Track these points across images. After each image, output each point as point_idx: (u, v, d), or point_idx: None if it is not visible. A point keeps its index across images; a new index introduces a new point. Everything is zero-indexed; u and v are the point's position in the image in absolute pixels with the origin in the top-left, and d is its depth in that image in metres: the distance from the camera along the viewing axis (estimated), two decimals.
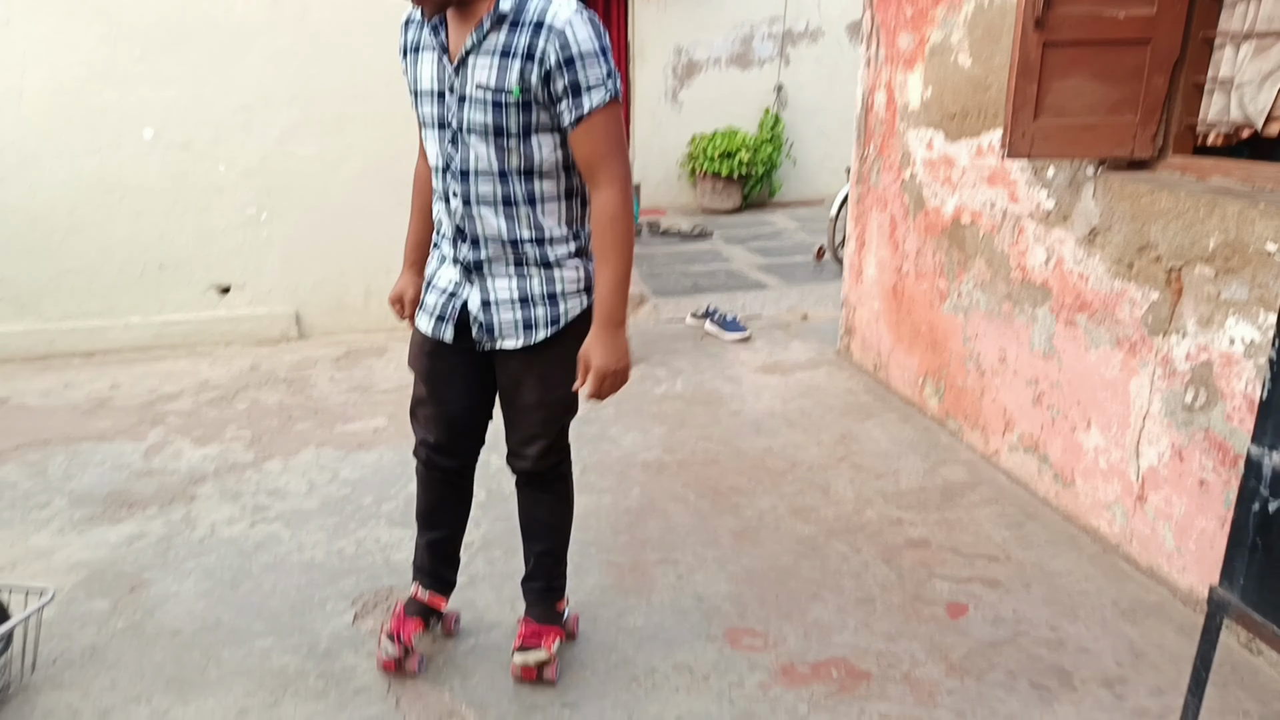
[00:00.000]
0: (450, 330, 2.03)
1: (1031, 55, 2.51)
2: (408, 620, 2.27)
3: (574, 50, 1.74)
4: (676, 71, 8.50)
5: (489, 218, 1.92)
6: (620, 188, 1.85)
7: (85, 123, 4.38)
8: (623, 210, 1.85)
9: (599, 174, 1.85)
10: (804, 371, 4.43)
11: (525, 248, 1.94)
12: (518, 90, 1.78)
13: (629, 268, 1.88)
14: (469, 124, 1.84)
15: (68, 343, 4.57)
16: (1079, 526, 2.95)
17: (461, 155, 1.88)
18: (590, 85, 1.77)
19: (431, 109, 1.90)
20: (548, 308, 1.98)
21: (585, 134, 1.81)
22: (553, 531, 2.25)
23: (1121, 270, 2.68)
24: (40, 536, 2.88)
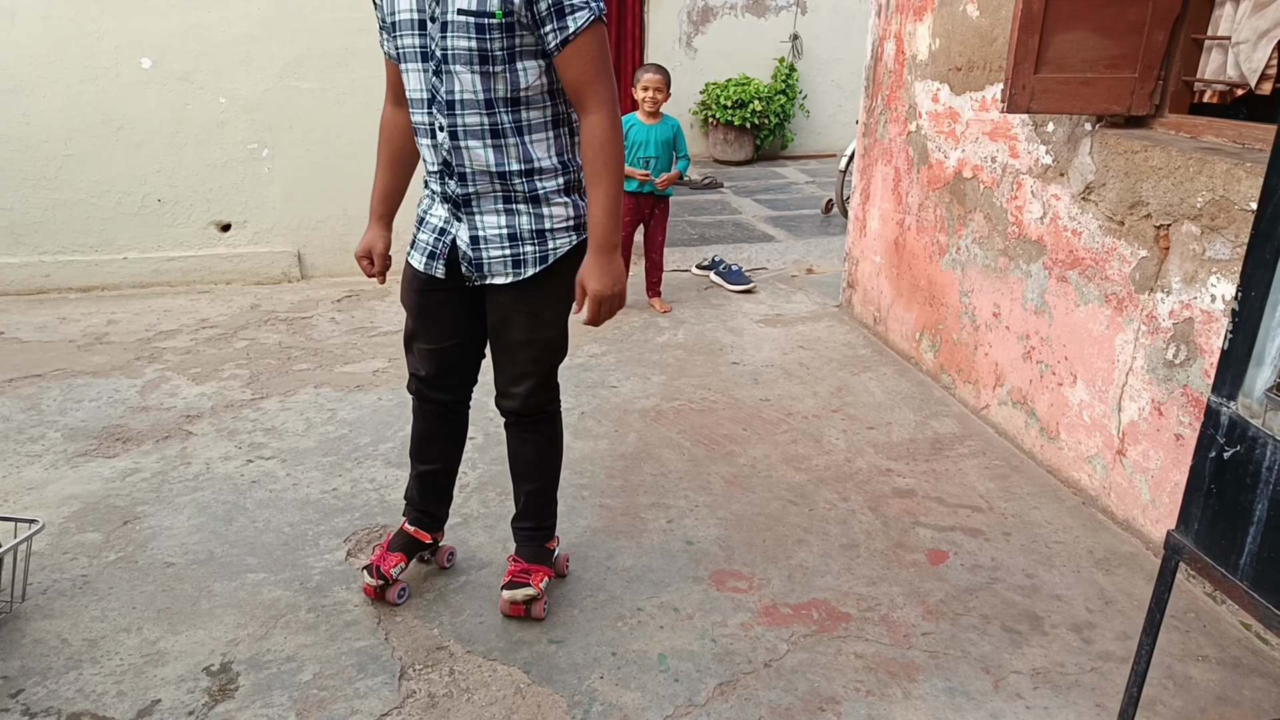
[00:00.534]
0: (441, 267, 2.04)
1: (1035, 6, 2.47)
2: (390, 554, 2.31)
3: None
4: (691, 16, 8.35)
5: (476, 150, 1.89)
6: (608, 111, 1.83)
7: (81, 49, 4.33)
8: (612, 134, 1.84)
9: (587, 98, 1.84)
10: (805, 324, 4.44)
11: (514, 180, 1.93)
12: (500, 12, 1.76)
13: (620, 191, 1.88)
14: (453, 52, 1.81)
15: (64, 276, 4.59)
16: (1061, 479, 2.99)
17: (447, 86, 1.85)
18: (574, 6, 1.75)
19: (412, 40, 1.87)
20: (536, 245, 1.98)
21: (571, 57, 1.80)
22: (541, 471, 2.28)
23: (1113, 227, 2.68)
24: (33, 470, 2.92)
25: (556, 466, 2.32)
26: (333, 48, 4.59)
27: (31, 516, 2.28)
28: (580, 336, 4.14)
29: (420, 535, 2.36)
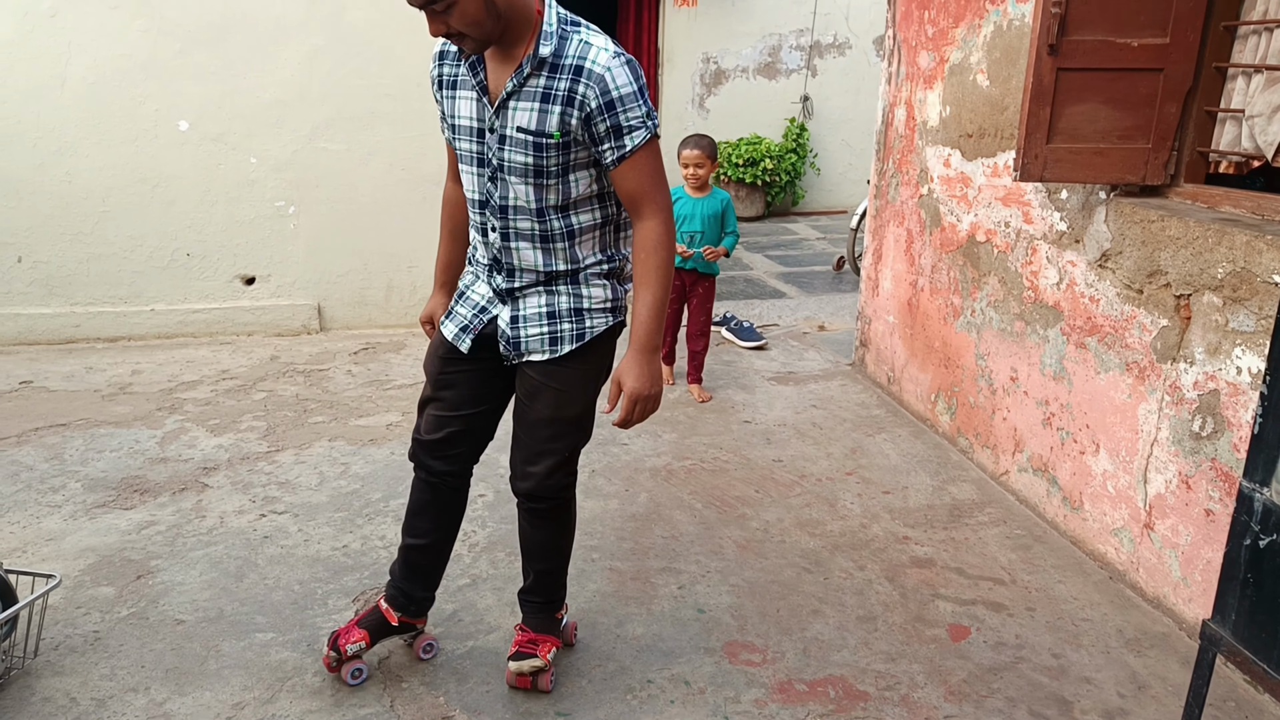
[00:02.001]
0: (468, 342, 2.08)
1: (1045, 80, 2.50)
2: (355, 629, 2.22)
3: (614, 94, 1.79)
4: (704, 79, 8.52)
5: (526, 251, 1.97)
6: (663, 218, 1.89)
7: (124, 112, 4.49)
8: (665, 239, 1.90)
9: (643, 206, 1.90)
10: (817, 382, 4.43)
11: (559, 275, 2.00)
12: (558, 134, 1.83)
13: (667, 294, 1.93)
14: (509, 164, 1.89)
15: (94, 327, 4.68)
16: (1086, 551, 2.93)
17: (500, 192, 1.93)
18: (631, 126, 1.82)
19: (470, 145, 1.94)
20: (574, 322, 2.01)
21: (628, 171, 1.86)
22: (553, 553, 2.25)
23: (1132, 295, 2.67)
24: (52, 520, 2.95)
25: (569, 547, 2.29)
26: (360, 111, 4.72)
27: (49, 571, 2.29)
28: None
29: (389, 616, 2.24)
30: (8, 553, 2.71)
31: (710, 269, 4.18)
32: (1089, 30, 2.47)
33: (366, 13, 4.59)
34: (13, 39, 4.29)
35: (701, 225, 4.08)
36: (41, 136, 4.42)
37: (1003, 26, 3.23)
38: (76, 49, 4.37)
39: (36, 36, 4.31)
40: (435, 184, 4.94)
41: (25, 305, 4.59)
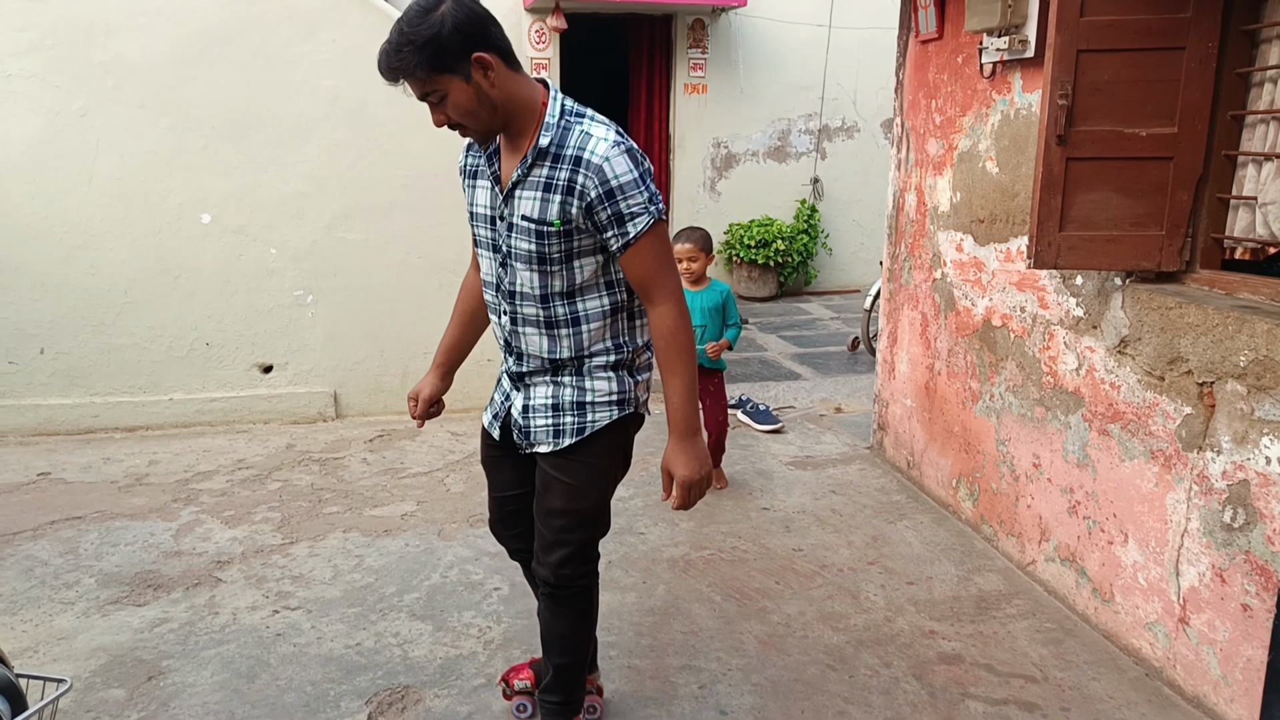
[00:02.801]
0: (498, 429, 2.17)
1: (1055, 169, 2.53)
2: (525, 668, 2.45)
3: (613, 183, 1.82)
4: (715, 163, 8.69)
5: (532, 337, 2.01)
6: (674, 301, 1.90)
7: (148, 207, 4.60)
8: (681, 323, 1.91)
9: (653, 292, 1.91)
10: (836, 467, 4.38)
11: (564, 364, 2.02)
12: (558, 223, 1.87)
13: (694, 376, 1.94)
14: (515, 250, 1.95)
15: (112, 416, 4.70)
16: (1120, 646, 2.84)
17: (510, 278, 1.99)
18: (634, 213, 1.84)
19: (485, 232, 2.02)
20: (575, 416, 2.03)
21: (634, 257, 1.88)
22: (573, 646, 2.22)
23: (1153, 382, 2.65)
24: (65, 618, 2.92)
25: (588, 640, 2.27)
26: (379, 201, 4.82)
27: (60, 675, 2.24)
28: None
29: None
30: (20, 653, 2.67)
31: (717, 365, 4.04)
32: (1097, 121, 2.51)
33: (386, 108, 4.72)
34: (43, 137, 4.43)
35: (702, 319, 3.90)
36: (68, 231, 4.53)
37: (1010, 115, 3.29)
38: (104, 146, 4.51)
39: (66, 135, 4.45)
40: (451, 271, 5.03)
41: (46, 396, 4.63)
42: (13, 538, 3.46)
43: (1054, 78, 2.48)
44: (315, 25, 4.64)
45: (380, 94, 4.76)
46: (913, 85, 4.05)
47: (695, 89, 8.49)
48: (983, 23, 3.17)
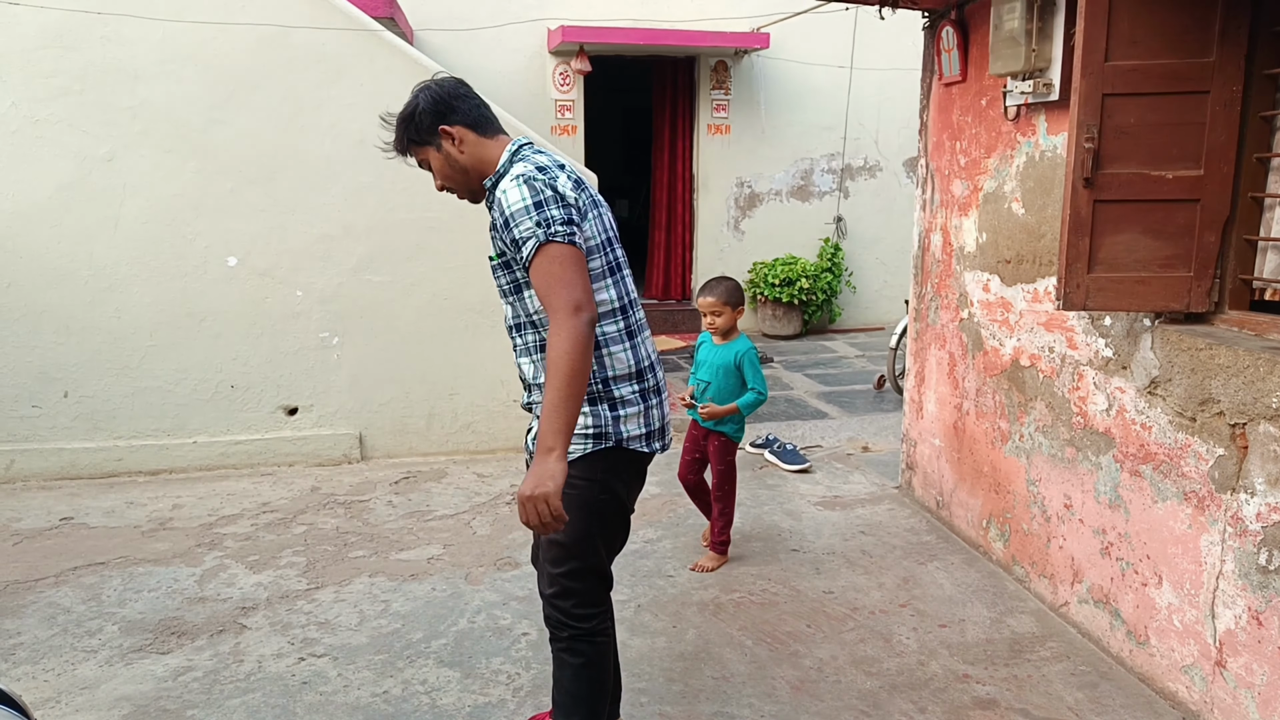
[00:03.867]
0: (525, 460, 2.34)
1: (1083, 211, 2.53)
2: None
3: (509, 212, 1.98)
4: (739, 202, 8.74)
5: (523, 364, 2.21)
6: (561, 319, 1.87)
7: (174, 250, 4.66)
8: (559, 340, 1.85)
9: (547, 307, 1.93)
10: (864, 507, 4.34)
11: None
12: (496, 255, 2.11)
13: (568, 394, 1.84)
14: (496, 287, 2.21)
15: (136, 460, 4.73)
16: (1156, 689, 2.78)
17: (505, 311, 2.23)
18: (524, 237, 1.96)
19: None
20: None
21: (532, 277, 1.98)
22: (568, 706, 2.18)
23: (1184, 423, 2.61)
24: (87, 667, 2.90)
25: (576, 705, 2.17)
26: (405, 245, 4.87)
27: None
28: (635, 520, 4.09)
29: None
30: (41, 703, 2.66)
31: (720, 427, 3.63)
32: (1123, 164, 2.51)
33: None
34: (71, 182, 4.51)
35: (709, 375, 3.62)
36: (93, 275, 4.59)
37: (1035, 157, 3.30)
38: (131, 190, 4.58)
39: (93, 179, 4.53)
40: (477, 312, 5.08)
41: (69, 440, 4.67)
42: (35, 584, 3.46)
43: (1080, 121, 2.49)
44: (342, 70, 4.73)
45: None
46: (937, 127, 4.07)
47: (718, 129, 8.57)
48: (1007, 66, 3.19)
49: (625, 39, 7.77)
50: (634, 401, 2.12)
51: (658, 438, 2.19)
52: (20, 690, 2.66)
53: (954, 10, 3.77)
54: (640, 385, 2.14)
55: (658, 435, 2.19)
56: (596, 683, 2.18)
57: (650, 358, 2.21)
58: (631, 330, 2.16)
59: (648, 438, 2.16)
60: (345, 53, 4.73)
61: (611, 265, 2.13)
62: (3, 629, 3.13)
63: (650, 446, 2.18)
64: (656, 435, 2.19)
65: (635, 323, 2.18)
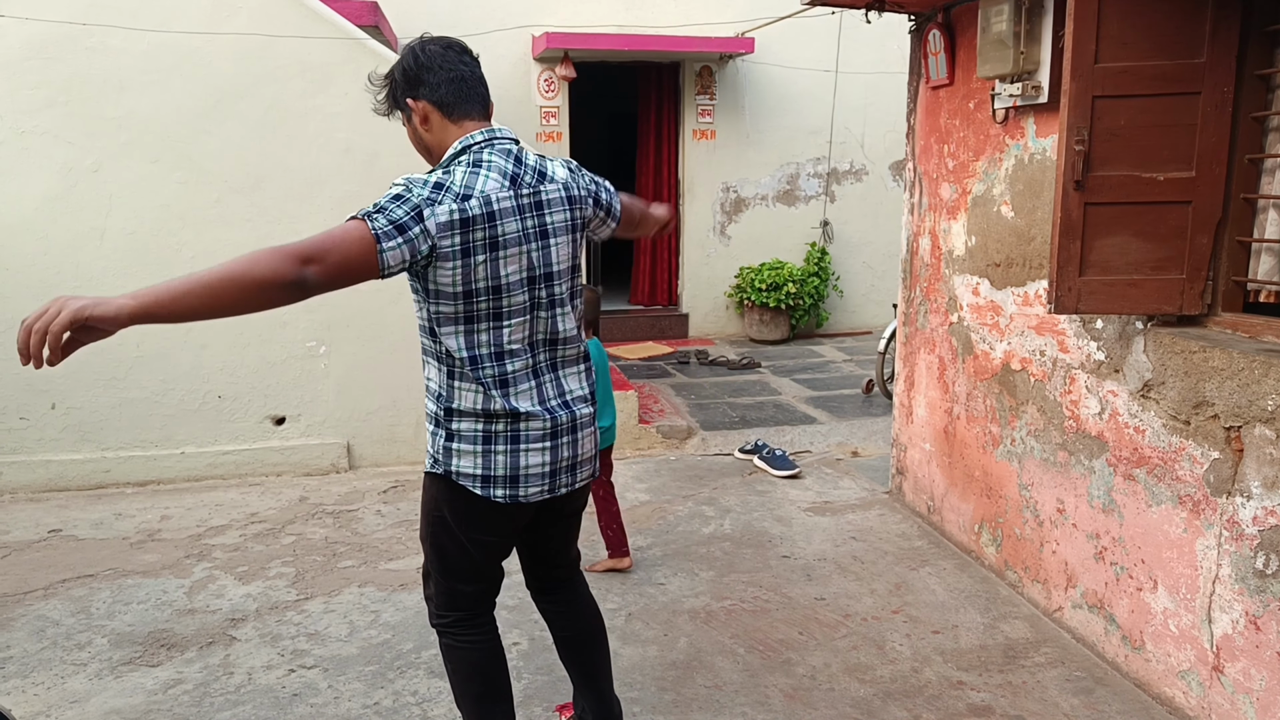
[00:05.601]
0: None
1: (1074, 214, 2.53)
2: None
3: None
4: (725, 207, 8.74)
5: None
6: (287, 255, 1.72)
7: (161, 260, 4.62)
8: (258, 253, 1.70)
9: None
10: (855, 512, 4.33)
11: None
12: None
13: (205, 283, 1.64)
14: None
15: (123, 471, 4.68)
16: (1152, 695, 2.77)
17: None
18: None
19: None
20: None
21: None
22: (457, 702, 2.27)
23: (1178, 426, 2.61)
24: (76, 680, 2.87)
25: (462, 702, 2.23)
26: None
27: None
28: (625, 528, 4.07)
29: None
30: (31, 717, 2.63)
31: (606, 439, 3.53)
32: (1114, 166, 2.52)
33: (399, 159, 4.75)
34: (57, 193, 4.48)
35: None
36: (80, 285, 4.54)
37: (1024, 160, 3.30)
38: (117, 201, 4.55)
39: (79, 190, 4.50)
40: None
41: (56, 452, 4.62)
42: (24, 597, 3.42)
43: (1070, 124, 2.49)
44: (328, 79, 4.70)
45: (393, 145, 4.81)
46: (924, 130, 4.08)
47: (704, 134, 8.57)
48: (995, 69, 3.19)
49: (610, 45, 7.77)
50: (470, 439, 1.97)
51: (502, 484, 1.99)
52: (10, 704, 2.63)
53: (940, 13, 3.78)
54: (486, 426, 1.97)
55: (503, 482, 1.99)
56: (459, 678, 2.20)
57: (528, 407, 1.99)
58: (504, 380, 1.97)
59: (485, 481, 1.98)
60: (331, 61, 4.71)
61: (494, 313, 1.94)
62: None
63: (488, 491, 1.99)
64: (501, 482, 1.99)
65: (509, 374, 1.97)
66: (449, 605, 2.18)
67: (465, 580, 2.16)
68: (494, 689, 2.20)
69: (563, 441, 2.05)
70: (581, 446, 2.10)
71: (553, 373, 2.06)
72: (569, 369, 2.10)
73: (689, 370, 7.43)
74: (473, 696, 2.19)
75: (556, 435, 2.04)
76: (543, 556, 2.33)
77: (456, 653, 2.18)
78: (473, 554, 2.12)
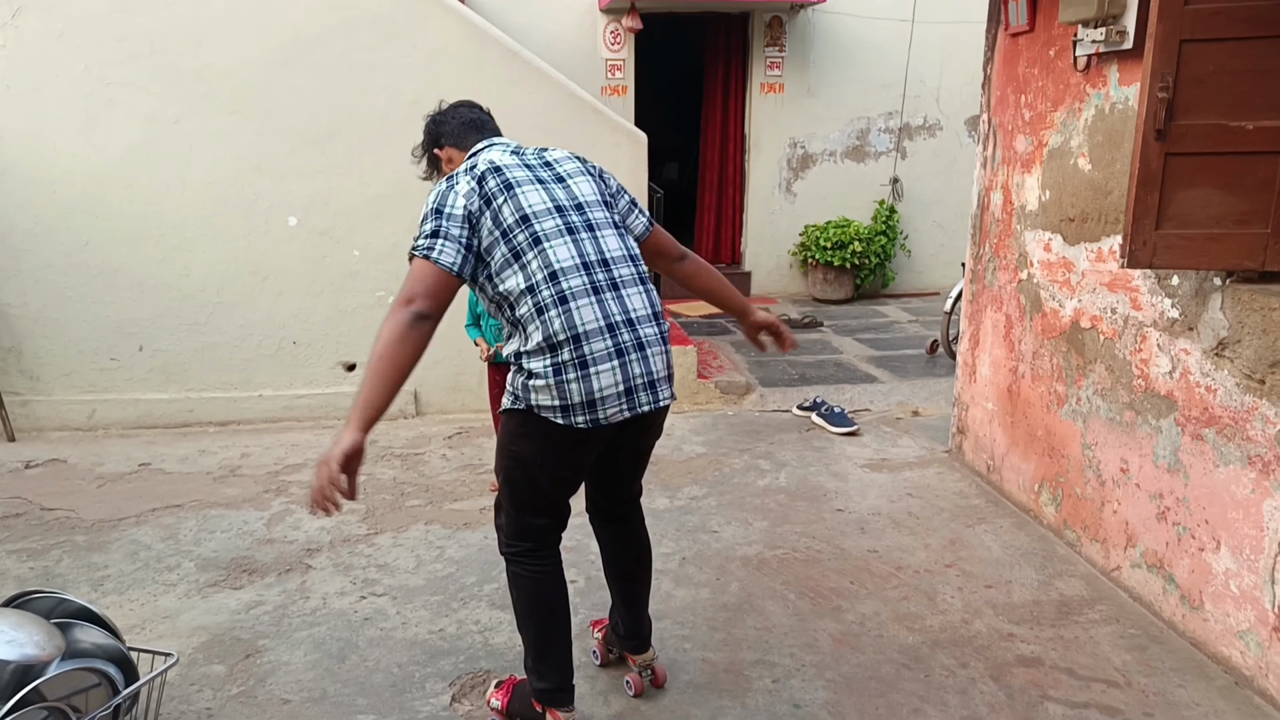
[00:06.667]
0: None
1: (1153, 165, 2.46)
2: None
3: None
4: (791, 163, 8.61)
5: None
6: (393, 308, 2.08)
7: (238, 210, 4.80)
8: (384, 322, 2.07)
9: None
10: (912, 470, 4.33)
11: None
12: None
13: (372, 371, 2.05)
14: None
15: (206, 411, 4.92)
16: (1208, 654, 2.75)
17: None
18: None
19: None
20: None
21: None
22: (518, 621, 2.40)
23: (1253, 386, 2.55)
24: (168, 599, 3.08)
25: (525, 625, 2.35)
26: None
27: (167, 649, 2.37)
28: (681, 478, 4.15)
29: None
30: (129, 629, 2.83)
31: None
32: (1199, 114, 2.43)
33: None
34: (141, 143, 4.65)
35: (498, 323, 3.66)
36: (164, 234, 4.75)
37: (1105, 110, 3.21)
38: (197, 151, 4.71)
39: (161, 141, 4.67)
40: None
41: (145, 391, 4.87)
42: (119, 523, 3.66)
43: (1154, 70, 2.41)
44: (395, 31, 4.77)
45: (459, 97, 4.89)
46: (1001, 80, 3.97)
47: (771, 88, 8.43)
48: (1078, 14, 3.08)
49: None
50: (542, 375, 2.10)
51: (581, 411, 2.10)
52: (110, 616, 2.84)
53: None
54: (554, 359, 2.08)
55: (581, 409, 2.09)
56: (523, 605, 2.33)
57: (590, 319, 2.11)
58: (563, 296, 2.10)
59: (564, 410, 2.10)
60: (399, 14, 4.77)
61: (532, 239, 2.12)
62: (92, 562, 3.32)
63: (569, 419, 2.10)
64: (580, 409, 2.09)
65: (566, 290, 2.10)
66: (518, 536, 2.30)
67: (534, 514, 2.29)
68: (554, 617, 2.33)
69: (631, 359, 2.14)
70: (653, 363, 2.19)
71: (613, 291, 2.17)
72: (629, 288, 2.20)
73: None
74: (535, 623, 2.32)
75: (623, 353, 2.13)
76: (609, 487, 2.47)
77: (522, 580, 2.31)
78: (544, 488, 2.25)
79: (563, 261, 2.12)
